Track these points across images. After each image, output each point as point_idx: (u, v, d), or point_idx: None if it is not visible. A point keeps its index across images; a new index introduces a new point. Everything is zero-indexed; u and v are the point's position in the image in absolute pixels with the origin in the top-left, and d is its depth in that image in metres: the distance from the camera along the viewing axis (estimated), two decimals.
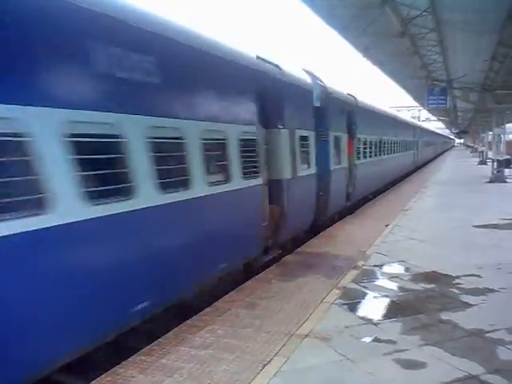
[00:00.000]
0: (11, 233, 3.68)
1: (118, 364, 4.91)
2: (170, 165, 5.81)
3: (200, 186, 6.26)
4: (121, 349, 5.30)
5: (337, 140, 12.96)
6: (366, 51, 20.33)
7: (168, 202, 5.61)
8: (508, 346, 5.13)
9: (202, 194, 6.34)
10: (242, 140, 7.51)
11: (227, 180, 7.07)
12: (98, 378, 4.62)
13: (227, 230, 7.19)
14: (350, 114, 14.57)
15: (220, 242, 6.93)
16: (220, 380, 4.52)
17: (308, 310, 6.36)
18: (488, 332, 5.52)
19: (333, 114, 12.56)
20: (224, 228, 7.06)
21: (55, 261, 4.19)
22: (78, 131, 4.36)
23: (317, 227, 11.68)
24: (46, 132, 4.05)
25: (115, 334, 5.03)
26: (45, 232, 3.98)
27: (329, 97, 12.12)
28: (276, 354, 5.06)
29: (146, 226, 5.31)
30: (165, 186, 5.51)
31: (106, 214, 4.68)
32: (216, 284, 7.17)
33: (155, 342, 5.47)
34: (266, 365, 4.80)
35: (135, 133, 5.11)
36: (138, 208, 5.07)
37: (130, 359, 5.02)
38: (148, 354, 5.16)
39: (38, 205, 3.94)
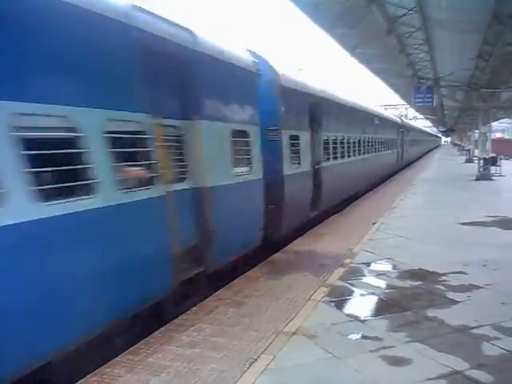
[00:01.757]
0: None
1: (105, 363, 4.89)
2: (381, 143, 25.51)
3: (383, 150, 26.34)
4: (107, 348, 5.28)
5: (403, 141, 33.73)
6: (353, 50, 20.40)
7: (376, 154, 23.20)
8: (492, 342, 5.19)
9: (385, 153, 27.09)
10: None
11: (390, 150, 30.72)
12: (85, 378, 4.60)
13: (390, 159, 29.44)
14: (405, 130, 36.04)
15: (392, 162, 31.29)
16: (207, 378, 4.52)
17: (295, 307, 6.37)
18: (473, 328, 5.58)
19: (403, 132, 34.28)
20: (390, 160, 29.16)
21: None
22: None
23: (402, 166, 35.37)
24: None
25: None
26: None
27: (404, 125, 36.32)
28: (263, 351, 5.07)
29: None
30: (376, 150, 23.68)
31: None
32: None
33: (142, 341, 5.45)
34: (253, 363, 4.81)
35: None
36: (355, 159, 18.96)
37: (116, 358, 5.00)
38: (135, 353, 5.14)
39: None
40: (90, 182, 4.52)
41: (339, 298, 6.77)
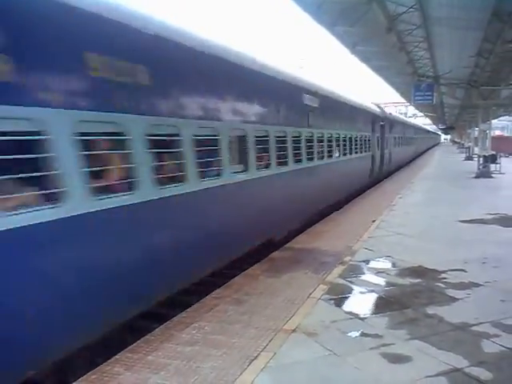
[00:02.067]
0: None
1: (104, 361, 4.89)
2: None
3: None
4: (107, 346, 5.28)
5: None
6: (353, 48, 20.38)
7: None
8: (492, 339, 5.19)
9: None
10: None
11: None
12: (85, 376, 4.61)
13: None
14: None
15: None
16: (207, 376, 4.52)
17: (295, 305, 6.38)
18: (473, 325, 5.58)
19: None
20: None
21: None
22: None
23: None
24: None
25: None
26: None
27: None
28: (263, 349, 5.07)
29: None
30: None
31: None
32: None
33: (142, 339, 5.46)
34: (253, 360, 4.82)
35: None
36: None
37: (116, 356, 5.01)
38: (134, 351, 5.14)
39: None
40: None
41: (339, 296, 6.77)
